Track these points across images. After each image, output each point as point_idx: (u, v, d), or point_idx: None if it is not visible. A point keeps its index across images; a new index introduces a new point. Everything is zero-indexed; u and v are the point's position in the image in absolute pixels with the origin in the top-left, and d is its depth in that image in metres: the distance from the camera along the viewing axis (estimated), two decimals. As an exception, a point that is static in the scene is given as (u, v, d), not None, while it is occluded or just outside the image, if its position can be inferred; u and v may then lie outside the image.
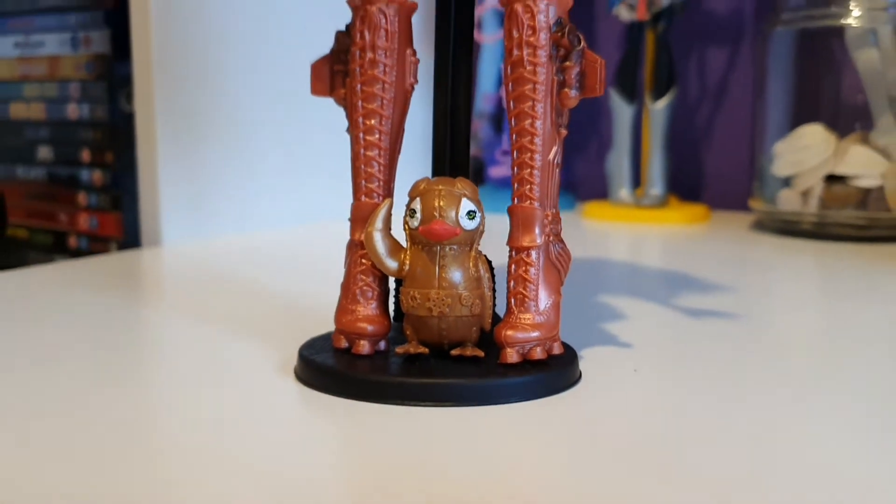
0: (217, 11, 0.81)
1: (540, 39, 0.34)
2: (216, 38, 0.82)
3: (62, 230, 0.91)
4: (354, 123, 0.36)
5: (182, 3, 0.79)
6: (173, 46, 0.79)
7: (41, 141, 0.92)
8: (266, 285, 0.57)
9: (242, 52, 0.84)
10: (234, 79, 0.84)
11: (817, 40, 0.71)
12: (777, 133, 0.73)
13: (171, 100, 0.79)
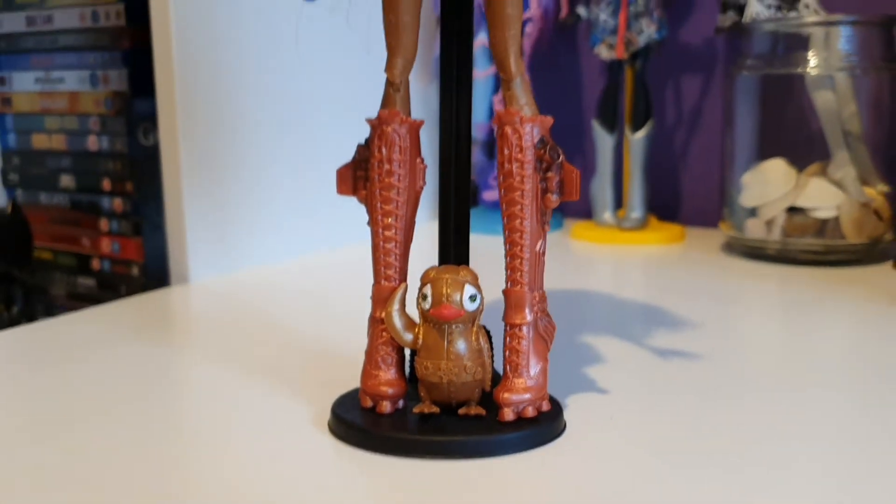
0: (234, 47, 0.86)
1: (526, 156, 0.41)
2: (234, 73, 0.87)
3: (85, 253, 0.98)
4: (374, 220, 0.43)
5: (202, 40, 0.83)
6: (194, 83, 0.83)
7: (63, 170, 0.99)
8: (294, 324, 0.64)
9: (259, 83, 0.90)
10: (251, 111, 0.89)
11: (779, 83, 0.78)
12: (744, 165, 0.80)
13: (192, 135, 0.83)
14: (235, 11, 0.85)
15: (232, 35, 0.85)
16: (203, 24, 0.83)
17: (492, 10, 0.42)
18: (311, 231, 0.95)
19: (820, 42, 0.75)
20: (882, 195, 0.78)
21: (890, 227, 0.78)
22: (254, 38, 0.88)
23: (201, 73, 0.84)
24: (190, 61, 0.83)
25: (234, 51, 0.86)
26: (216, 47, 0.84)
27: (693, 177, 0.99)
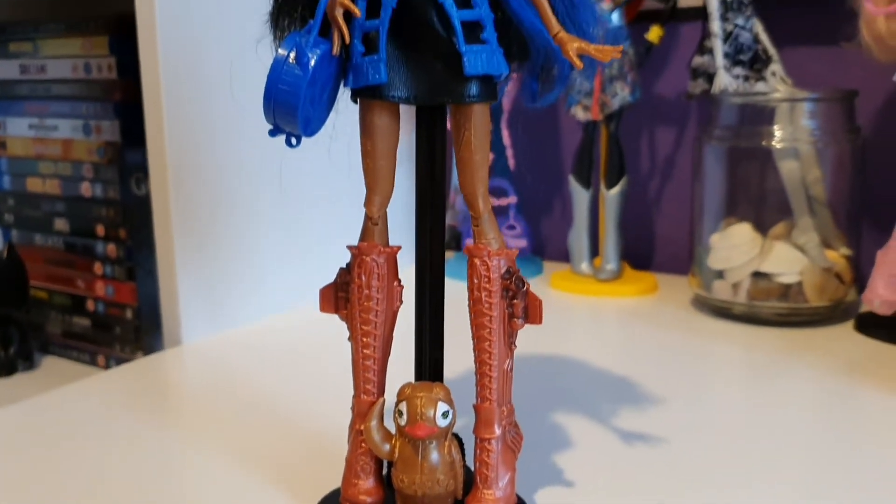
0: (224, 101, 0.87)
1: (494, 285, 0.45)
2: (224, 126, 0.89)
3: (80, 294, 1.01)
4: (355, 338, 0.47)
5: (192, 94, 0.85)
6: (184, 136, 0.85)
7: (57, 214, 1.02)
8: (285, 396, 0.68)
9: (249, 137, 0.92)
10: (241, 163, 0.91)
11: (746, 153, 0.82)
12: (712, 224, 0.84)
13: (183, 187, 0.85)
14: (225, 65, 0.86)
15: (222, 88, 0.87)
16: (193, 78, 0.85)
17: (461, 156, 0.45)
18: (302, 282, 0.98)
19: (785, 115, 0.79)
20: (844, 259, 0.81)
21: (851, 289, 0.82)
22: (244, 91, 0.90)
23: (191, 126, 0.86)
24: (180, 115, 0.85)
25: (224, 104, 0.87)
26: (206, 101, 0.86)
27: (665, 224, 1.02)
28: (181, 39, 0.82)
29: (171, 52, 0.82)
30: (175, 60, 0.83)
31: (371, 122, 0.45)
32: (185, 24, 0.82)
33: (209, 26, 0.85)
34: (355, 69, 0.44)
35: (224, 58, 0.86)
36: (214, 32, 0.85)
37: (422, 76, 0.44)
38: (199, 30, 0.84)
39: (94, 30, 0.94)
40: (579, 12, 0.47)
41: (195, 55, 0.85)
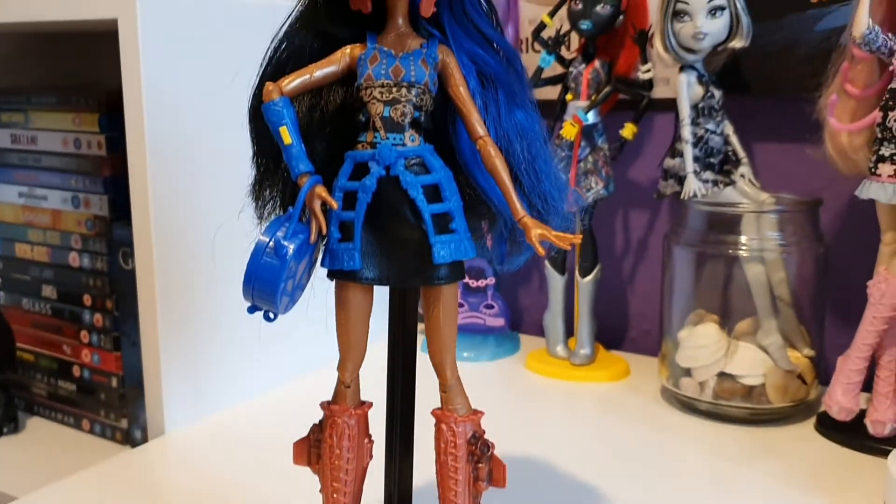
0: (212, 179, 0.89)
1: (459, 450, 0.47)
2: (210, 205, 0.89)
3: (66, 359, 1.03)
4: (326, 492, 0.49)
5: (178, 172, 0.86)
6: (170, 214, 0.86)
7: (45, 280, 1.04)
8: (267, 486, 0.69)
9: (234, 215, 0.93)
10: (227, 240, 0.92)
11: (713, 257, 0.85)
12: (681, 318, 0.87)
13: (168, 264, 0.86)
14: (212, 143, 0.88)
15: (207, 166, 0.88)
16: (179, 157, 0.86)
17: (430, 330, 0.48)
18: (285, 362, 1.00)
19: (752, 225, 0.82)
20: (807, 359, 0.84)
21: (814, 388, 0.85)
22: (231, 170, 0.92)
23: (177, 204, 0.87)
24: (166, 193, 0.86)
25: (210, 182, 0.89)
26: (191, 179, 0.88)
27: (638, 301, 1.05)
28: (168, 119, 0.84)
29: (158, 132, 0.84)
30: (161, 140, 0.85)
31: (345, 298, 0.48)
32: (171, 104, 0.84)
33: (196, 106, 0.86)
34: (331, 253, 0.47)
35: (210, 136, 0.88)
36: (201, 112, 0.87)
37: (394, 261, 0.47)
38: (185, 109, 0.85)
39: (84, 106, 0.97)
40: (544, 185, 0.50)
41: (181, 134, 0.86)
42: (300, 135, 0.48)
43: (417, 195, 0.47)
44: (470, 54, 0.50)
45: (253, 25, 0.89)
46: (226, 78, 0.88)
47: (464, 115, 0.50)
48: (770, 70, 0.88)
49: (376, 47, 0.50)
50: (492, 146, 0.49)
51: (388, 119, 0.49)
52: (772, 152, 0.93)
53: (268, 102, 0.49)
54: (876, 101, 0.77)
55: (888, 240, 0.77)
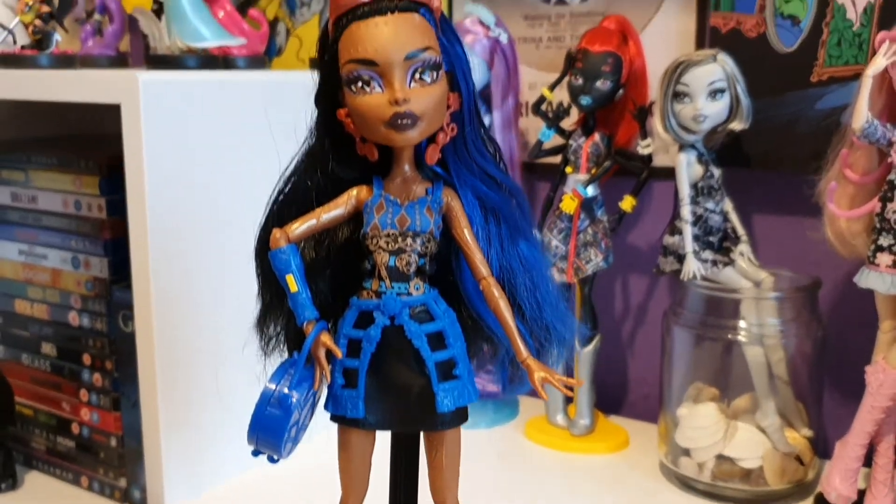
0: (211, 243, 0.90)
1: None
2: (210, 268, 0.90)
3: (66, 417, 1.03)
4: None
5: (178, 235, 0.87)
6: (170, 278, 0.87)
7: (45, 338, 1.03)
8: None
9: (234, 278, 0.92)
10: (225, 302, 0.92)
11: (712, 339, 0.85)
12: (680, 395, 0.88)
13: (168, 327, 0.87)
14: (212, 211, 0.89)
15: (208, 232, 0.89)
16: (179, 223, 0.87)
17: (432, 467, 0.48)
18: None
19: (751, 307, 0.82)
20: (805, 440, 0.85)
21: (811, 469, 0.85)
22: (229, 233, 0.92)
23: (178, 269, 0.87)
24: (166, 258, 0.86)
25: (210, 247, 0.89)
26: (192, 243, 0.88)
27: (638, 367, 1.06)
28: (168, 188, 0.84)
29: (158, 197, 0.84)
30: (162, 205, 0.85)
31: (348, 442, 0.49)
32: (172, 175, 0.84)
33: (196, 175, 0.87)
34: (334, 398, 0.48)
35: (210, 204, 0.88)
36: (201, 181, 0.88)
37: (397, 407, 0.48)
38: (186, 179, 0.86)
39: (85, 169, 0.97)
40: (546, 315, 0.51)
41: (182, 202, 0.87)
42: (306, 281, 0.49)
43: (422, 345, 0.48)
44: (474, 191, 0.51)
45: (250, 99, 0.91)
46: (224, 149, 0.89)
47: (467, 257, 0.50)
48: (770, 146, 0.88)
49: (382, 194, 0.50)
50: (495, 287, 0.50)
51: (394, 269, 0.49)
52: (770, 225, 0.93)
53: (275, 250, 0.49)
54: (875, 187, 0.78)
55: (886, 328, 0.77)
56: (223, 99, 0.88)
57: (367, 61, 0.47)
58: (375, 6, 0.48)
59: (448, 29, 0.51)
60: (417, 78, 0.48)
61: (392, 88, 0.47)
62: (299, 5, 1.19)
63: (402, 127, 0.48)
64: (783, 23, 0.87)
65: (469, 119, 0.50)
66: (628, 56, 0.91)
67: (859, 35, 0.83)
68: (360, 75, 0.48)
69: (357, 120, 0.49)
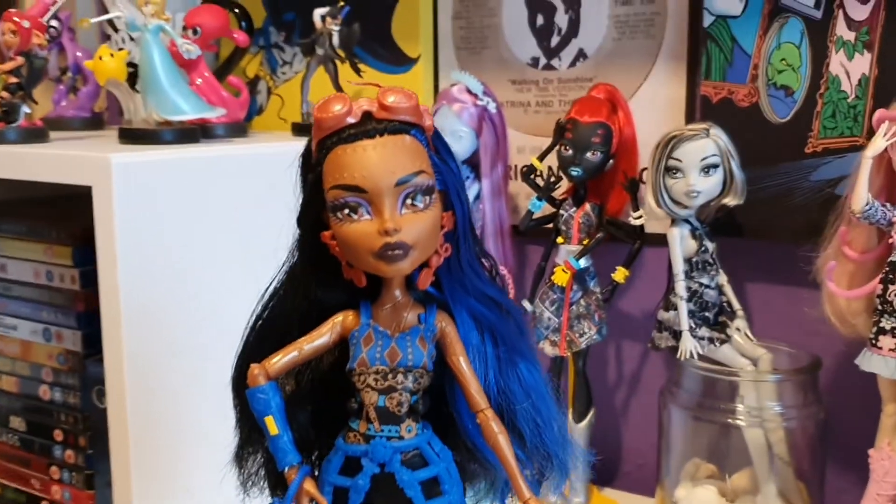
0: (185, 317, 0.87)
1: None
2: (183, 339, 0.87)
3: (36, 495, 0.98)
4: None
5: (151, 306, 0.83)
6: (142, 350, 0.83)
7: (13, 411, 0.99)
8: None
9: (205, 347, 0.89)
10: (198, 373, 0.89)
11: (710, 420, 0.83)
12: (676, 473, 0.85)
13: (141, 402, 0.83)
14: (185, 283, 0.86)
15: (181, 304, 0.86)
16: (152, 295, 0.83)
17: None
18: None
19: (750, 388, 0.80)
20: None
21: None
22: (204, 307, 0.89)
23: (152, 343, 0.84)
24: (140, 332, 0.83)
25: (185, 319, 0.86)
26: (165, 317, 0.85)
27: (632, 437, 1.03)
28: (142, 261, 0.81)
29: (131, 274, 0.81)
30: (135, 281, 0.82)
31: None
32: (145, 247, 0.81)
33: (171, 246, 0.84)
34: None
35: (183, 276, 0.85)
36: (176, 252, 0.84)
37: None
38: (160, 251, 0.83)
39: (56, 238, 0.93)
40: (547, 440, 0.48)
41: (156, 275, 0.84)
42: (287, 419, 0.46)
43: (415, 494, 0.45)
44: (470, 310, 0.48)
45: (227, 171, 0.88)
46: (200, 222, 0.87)
47: (463, 387, 0.47)
48: (763, 216, 0.86)
49: (371, 324, 0.47)
50: (493, 420, 0.47)
51: (384, 410, 0.46)
52: (764, 296, 0.91)
53: (253, 389, 0.46)
54: (874, 266, 0.76)
55: (890, 411, 0.75)
56: (199, 173, 0.86)
57: (354, 187, 0.45)
58: (362, 129, 0.45)
59: (441, 145, 0.48)
60: (409, 203, 0.45)
61: (381, 217, 0.45)
62: (281, 64, 1.17)
63: (393, 258, 0.45)
64: (776, 93, 0.86)
65: (464, 239, 0.48)
66: (618, 126, 0.89)
67: (854, 107, 0.82)
68: (346, 202, 0.45)
69: (343, 248, 0.46)
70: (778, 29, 0.85)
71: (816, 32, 0.83)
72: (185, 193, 0.85)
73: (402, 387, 0.46)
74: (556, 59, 0.99)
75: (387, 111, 0.45)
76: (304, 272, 0.49)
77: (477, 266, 0.48)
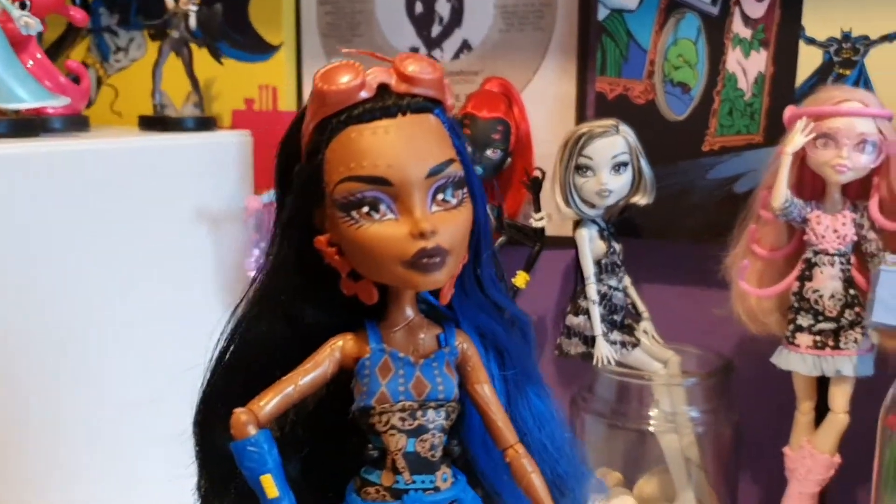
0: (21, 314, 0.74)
1: None
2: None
3: None
4: None
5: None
6: None
7: None
8: None
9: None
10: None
11: (624, 427, 0.80)
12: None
13: None
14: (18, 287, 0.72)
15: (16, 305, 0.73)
16: None
17: None
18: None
19: (663, 392, 0.78)
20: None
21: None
22: (41, 307, 0.76)
23: None
24: None
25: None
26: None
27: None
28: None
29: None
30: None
31: None
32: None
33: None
34: None
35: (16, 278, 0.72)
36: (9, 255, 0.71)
37: None
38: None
39: None
40: (563, 472, 0.41)
41: None
42: (286, 480, 0.36)
43: None
44: (478, 326, 0.41)
45: (63, 172, 0.74)
46: (33, 225, 0.73)
47: (489, 420, 0.40)
48: (662, 216, 0.84)
49: (385, 350, 0.39)
50: (525, 458, 0.40)
51: (414, 456, 0.38)
52: (665, 298, 0.89)
53: (241, 441, 0.36)
54: (783, 264, 0.76)
55: (805, 409, 0.75)
56: (38, 173, 0.73)
57: (376, 179, 0.36)
58: (380, 105, 0.37)
59: (458, 129, 0.40)
60: (440, 199, 0.37)
61: (411, 216, 0.36)
62: (114, 50, 1.03)
63: (429, 267, 0.36)
64: (673, 90, 0.84)
65: (484, 242, 0.40)
66: (514, 122, 0.84)
67: (751, 105, 0.81)
68: (364, 198, 0.36)
69: (358, 256, 0.37)
70: (675, 24, 0.83)
71: (713, 29, 0.82)
72: (21, 196, 0.72)
73: (434, 426, 0.38)
74: (438, 51, 0.93)
75: (408, 83, 0.37)
76: (286, 288, 0.39)
77: (494, 274, 0.41)
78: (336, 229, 0.37)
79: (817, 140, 0.70)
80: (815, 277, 0.72)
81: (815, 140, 0.70)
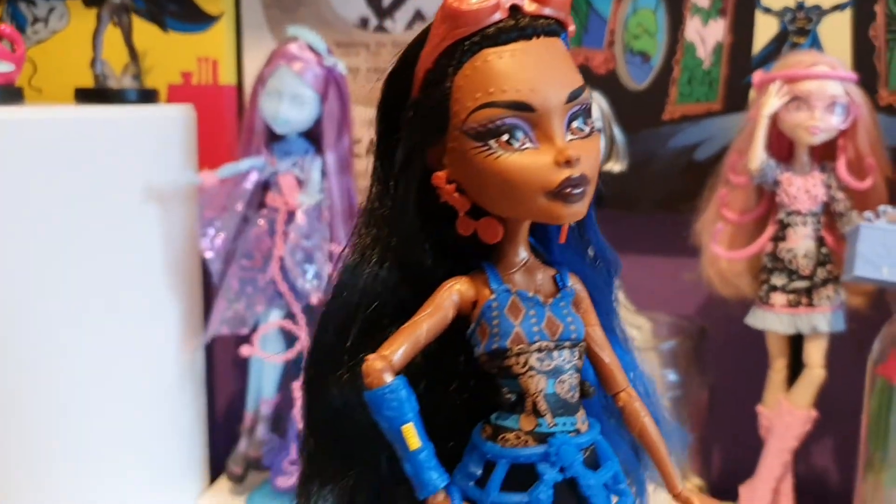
0: None
1: None
2: None
3: None
4: None
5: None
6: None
7: None
8: None
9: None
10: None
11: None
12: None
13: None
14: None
15: None
16: None
17: None
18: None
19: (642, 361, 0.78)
20: (696, 489, 0.82)
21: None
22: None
23: None
24: None
25: None
26: None
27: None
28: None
29: None
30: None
31: None
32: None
33: None
34: None
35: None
36: None
37: None
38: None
39: None
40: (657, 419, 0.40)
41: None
42: (426, 431, 0.34)
43: (601, 502, 0.35)
44: (572, 269, 0.39)
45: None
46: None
47: (600, 363, 0.38)
48: (624, 185, 0.85)
49: (511, 290, 0.36)
50: (637, 401, 0.38)
51: (555, 398, 0.36)
52: (631, 266, 0.89)
53: (379, 389, 0.33)
54: (753, 226, 0.78)
55: (779, 366, 0.76)
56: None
57: (519, 105, 0.34)
58: (516, 26, 0.34)
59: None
60: (575, 128, 0.35)
61: (553, 144, 0.34)
62: (31, 21, 0.95)
63: (573, 198, 0.34)
64: (633, 59, 0.85)
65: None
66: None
67: (709, 73, 0.83)
68: (503, 125, 0.34)
69: (493, 189, 0.35)
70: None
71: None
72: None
73: (570, 366, 0.36)
74: (390, 21, 0.90)
75: (539, 3, 0.35)
76: (401, 232, 0.37)
77: (593, 210, 0.40)
78: (463, 163, 0.35)
79: (790, 103, 0.72)
80: (789, 238, 0.74)
81: (788, 103, 0.72)
